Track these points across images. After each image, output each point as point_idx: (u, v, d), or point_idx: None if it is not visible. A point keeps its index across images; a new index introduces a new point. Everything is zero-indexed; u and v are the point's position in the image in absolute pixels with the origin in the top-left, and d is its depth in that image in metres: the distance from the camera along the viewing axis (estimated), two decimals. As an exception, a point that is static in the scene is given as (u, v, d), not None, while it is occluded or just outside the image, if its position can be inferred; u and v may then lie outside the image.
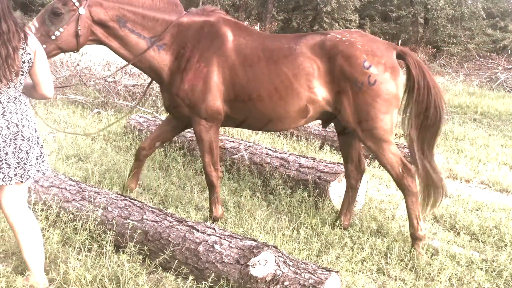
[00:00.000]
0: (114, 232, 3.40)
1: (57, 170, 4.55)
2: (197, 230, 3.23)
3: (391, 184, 5.42)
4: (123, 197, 3.75)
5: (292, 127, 4.00)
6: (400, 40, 31.66)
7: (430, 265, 3.48)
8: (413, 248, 3.68)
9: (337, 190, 4.55)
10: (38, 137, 2.80)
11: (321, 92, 3.64)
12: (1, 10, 2.54)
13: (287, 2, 33.88)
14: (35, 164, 2.77)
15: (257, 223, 3.95)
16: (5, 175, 2.64)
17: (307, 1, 32.38)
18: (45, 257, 3.14)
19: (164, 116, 7.34)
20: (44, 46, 3.29)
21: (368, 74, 3.51)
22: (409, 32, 33.82)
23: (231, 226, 3.92)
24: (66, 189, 3.89)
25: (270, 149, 5.36)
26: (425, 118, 3.73)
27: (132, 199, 3.74)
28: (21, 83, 2.69)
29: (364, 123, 3.59)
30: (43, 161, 2.83)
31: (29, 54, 2.64)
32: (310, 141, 6.71)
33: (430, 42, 30.88)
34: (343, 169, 4.58)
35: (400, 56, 3.72)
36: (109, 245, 3.25)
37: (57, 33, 3.51)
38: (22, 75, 2.66)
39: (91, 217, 3.52)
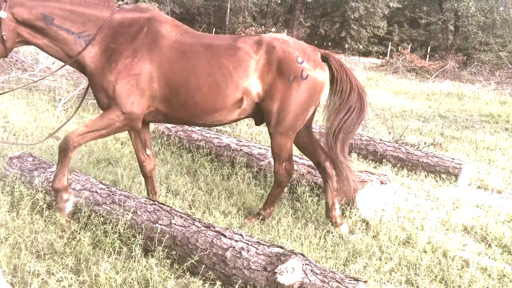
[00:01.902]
0: (143, 236, 3.45)
1: (88, 174, 4.64)
2: (225, 236, 3.25)
3: (420, 194, 5.35)
4: (152, 202, 3.80)
5: (227, 119, 4.03)
6: (429, 47, 31.24)
7: (461, 277, 3.42)
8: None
9: (364, 198, 4.51)
10: None
11: (256, 84, 3.83)
12: None
13: (314, 9, 33.87)
14: None
15: (284, 230, 3.95)
16: None
17: (335, 8, 32.28)
18: (77, 258, 3.22)
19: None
20: None
21: (301, 68, 3.79)
22: (438, 39, 33.33)
23: (258, 232, 3.93)
24: (97, 192, 3.97)
25: (297, 156, 5.35)
26: (347, 112, 4.00)
27: (160, 203, 3.79)
28: None
29: (283, 114, 3.85)
30: None
31: None
32: (337, 148, 6.66)
33: (461, 50, 30.37)
34: (371, 177, 4.55)
35: (323, 57, 4.04)
36: (138, 249, 3.30)
37: None
38: None
39: (121, 221, 3.58)
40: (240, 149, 5.65)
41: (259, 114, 4.04)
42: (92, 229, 3.60)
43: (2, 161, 4.97)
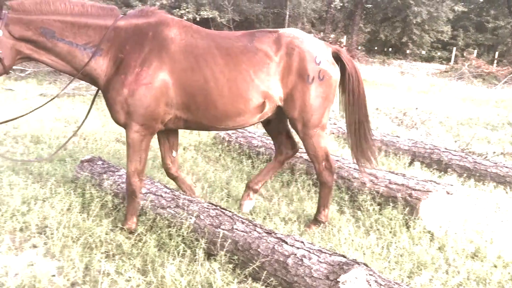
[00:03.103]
0: (206, 240, 3.52)
1: (153, 178, 4.80)
2: (286, 243, 3.25)
3: (489, 205, 5.10)
4: (214, 206, 3.87)
5: (248, 123, 4.01)
6: (497, 52, 29.80)
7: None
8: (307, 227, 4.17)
9: (428, 208, 4.37)
10: None
11: (277, 87, 3.82)
12: None
13: (375, 14, 33.24)
14: None
15: (345, 238, 3.90)
16: None
17: (396, 13, 31.52)
18: (144, 259, 3.34)
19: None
20: None
21: (319, 69, 3.82)
22: (507, 44, 31.69)
23: (318, 240, 3.91)
24: (162, 196, 4.09)
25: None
26: (357, 101, 4.19)
27: (223, 208, 3.85)
28: None
29: (307, 116, 3.90)
30: None
31: None
32: (399, 157, 6.50)
33: (531, 54, 28.70)
34: (436, 187, 4.40)
35: (334, 54, 4.06)
36: (201, 252, 3.37)
37: None
38: None
39: (185, 224, 3.67)
40: (300, 156, 5.63)
41: (277, 116, 4.12)
42: (157, 231, 3.72)
43: (74, 164, 5.24)
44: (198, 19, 25.34)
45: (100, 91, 3.89)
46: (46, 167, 5.14)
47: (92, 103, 4.05)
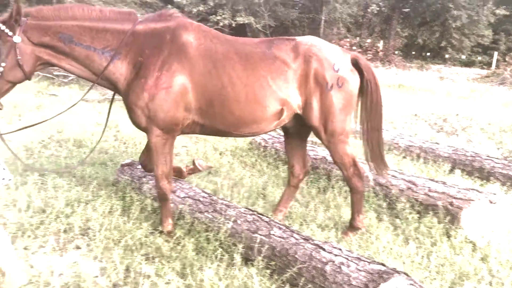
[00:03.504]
0: (243, 245, 3.54)
1: (191, 182, 4.87)
2: (324, 250, 3.23)
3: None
4: (251, 212, 3.89)
5: (265, 130, 4.00)
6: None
7: None
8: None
9: (470, 217, 4.25)
10: None
11: (295, 95, 3.80)
12: None
13: (412, 18, 32.67)
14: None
15: (384, 247, 3.84)
16: None
17: (435, 17, 30.90)
18: (182, 263, 3.39)
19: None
20: None
21: (337, 76, 3.79)
22: (552, 47, 30.56)
23: (356, 248, 3.87)
24: (199, 200, 4.15)
25: (396, 171, 5.19)
26: (374, 109, 4.13)
27: (260, 214, 3.86)
28: None
29: (329, 124, 3.86)
30: (4, 169, 2.99)
31: None
32: (439, 164, 6.36)
33: None
34: (478, 196, 4.28)
35: (353, 60, 4.00)
36: (239, 257, 3.39)
37: (0, 68, 3.40)
38: None
39: (222, 229, 3.70)
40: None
41: (295, 123, 4.10)
42: (195, 235, 3.78)
43: (115, 167, 5.38)
44: (233, 25, 25.62)
45: (115, 97, 4.00)
46: (88, 170, 5.29)
47: (109, 111, 4.14)
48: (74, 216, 4.05)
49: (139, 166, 4.94)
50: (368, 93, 4.08)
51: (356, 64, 4.02)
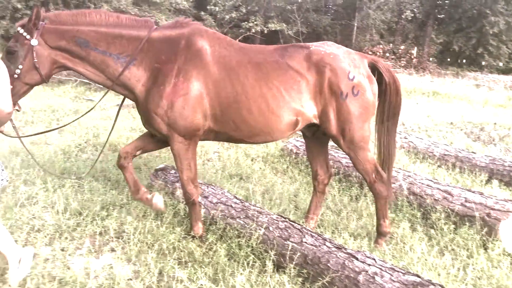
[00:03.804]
0: (275, 252, 3.54)
1: (223, 188, 4.90)
2: (357, 259, 3.20)
3: None
4: (283, 219, 3.88)
5: (278, 139, 4.01)
6: None
7: None
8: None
9: (508, 229, 4.13)
10: None
11: (309, 105, 3.78)
12: None
13: (448, 25, 32.02)
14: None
15: (418, 258, 3.77)
16: None
17: (471, 23, 30.20)
18: (214, 268, 3.41)
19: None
20: (12, 86, 3.29)
21: (352, 85, 3.74)
22: None
23: (389, 258, 3.80)
24: (231, 206, 4.17)
25: (431, 180, 5.09)
26: (392, 113, 4.14)
27: (291, 221, 3.85)
28: None
29: (347, 132, 3.83)
30: (2, 170, 3.09)
31: None
32: (476, 174, 6.20)
33: None
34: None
35: (371, 64, 3.99)
36: (271, 264, 3.39)
37: (17, 70, 3.44)
38: None
39: (254, 235, 3.71)
40: (370, 170, 5.53)
41: (315, 130, 4.12)
42: (227, 241, 3.79)
43: (148, 172, 5.47)
44: (266, 32, 25.72)
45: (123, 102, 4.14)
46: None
47: (117, 117, 4.23)
48: (109, 219, 4.13)
49: (173, 171, 5.01)
50: (387, 96, 4.06)
51: (375, 67, 4.00)
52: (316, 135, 4.27)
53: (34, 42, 3.47)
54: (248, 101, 3.67)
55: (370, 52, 23.79)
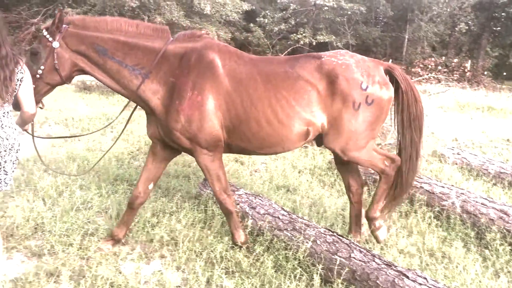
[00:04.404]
0: (322, 266, 3.51)
1: (270, 199, 4.91)
2: (407, 277, 3.12)
3: None
4: (331, 233, 3.85)
5: (290, 149, 3.98)
6: None
7: None
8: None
9: None
10: (19, 149, 3.18)
11: (319, 115, 3.74)
12: (1, 38, 2.95)
13: (504, 38, 30.89)
14: (14, 172, 3.17)
15: (472, 279, 3.63)
16: (1, 181, 3.05)
17: (530, 36, 29.00)
18: (261, 279, 3.41)
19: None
20: (34, 86, 3.42)
21: (366, 95, 3.69)
22: None
23: (441, 278, 3.69)
24: (279, 218, 4.17)
25: (486, 199, 4.90)
26: (413, 122, 4.01)
27: (339, 235, 3.81)
28: (12, 100, 3.08)
29: (352, 142, 3.78)
30: (13, 171, 3.18)
31: (21, 73, 3.07)
32: (534, 193, 5.92)
33: None
34: None
35: (387, 71, 3.93)
36: (318, 278, 3.36)
37: (39, 71, 3.55)
38: (15, 93, 3.06)
39: (301, 248, 3.70)
40: (420, 186, 5.39)
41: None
42: (274, 252, 3.80)
43: (197, 181, 5.57)
44: (314, 43, 25.70)
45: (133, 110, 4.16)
46: (173, 182, 5.52)
47: (126, 124, 4.35)
48: (159, 226, 4.23)
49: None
50: (405, 106, 3.98)
51: (391, 75, 3.95)
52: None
53: (55, 44, 3.59)
54: (257, 112, 3.69)
55: (421, 65, 23.30)
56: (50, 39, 3.59)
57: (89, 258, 3.69)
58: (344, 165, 4.32)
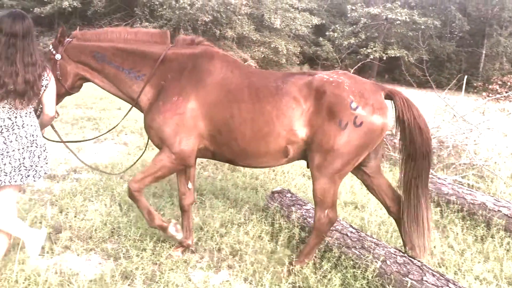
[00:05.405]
0: (392, 287, 3.41)
1: (338, 215, 4.86)
2: (484, 306, 2.97)
3: None
4: (401, 253, 3.74)
5: (273, 165, 3.94)
6: None
7: None
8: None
9: None
10: (45, 144, 3.45)
11: (302, 133, 3.62)
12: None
13: None
14: (44, 165, 3.39)
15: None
16: (22, 176, 3.28)
17: None
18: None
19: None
20: None
21: (355, 115, 3.49)
22: None
23: (521, 309, 3.46)
24: (347, 235, 4.12)
25: None
26: (418, 156, 3.75)
27: (410, 256, 3.70)
28: (36, 102, 3.33)
29: (330, 160, 3.56)
30: (46, 163, 3.40)
31: (47, 80, 3.33)
32: None
33: None
34: None
35: (388, 96, 3.72)
36: (388, 300, 3.28)
37: None
38: (39, 96, 3.31)
39: (370, 267, 3.62)
40: (498, 210, 5.12)
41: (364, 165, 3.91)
42: (342, 270, 3.75)
43: (265, 194, 5.62)
44: (385, 58, 25.24)
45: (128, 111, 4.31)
46: (241, 194, 5.61)
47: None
48: (227, 236, 4.31)
49: (289, 194, 5.10)
50: (407, 134, 3.73)
51: (391, 99, 3.75)
52: (366, 169, 4.01)
53: (57, 56, 3.90)
54: (240, 124, 3.67)
55: (500, 82, 22.14)
56: (54, 52, 3.92)
57: (161, 264, 3.82)
58: (376, 187, 4.11)
